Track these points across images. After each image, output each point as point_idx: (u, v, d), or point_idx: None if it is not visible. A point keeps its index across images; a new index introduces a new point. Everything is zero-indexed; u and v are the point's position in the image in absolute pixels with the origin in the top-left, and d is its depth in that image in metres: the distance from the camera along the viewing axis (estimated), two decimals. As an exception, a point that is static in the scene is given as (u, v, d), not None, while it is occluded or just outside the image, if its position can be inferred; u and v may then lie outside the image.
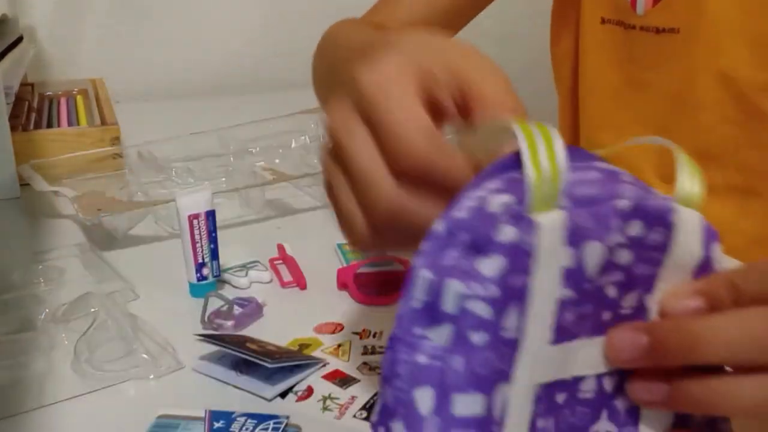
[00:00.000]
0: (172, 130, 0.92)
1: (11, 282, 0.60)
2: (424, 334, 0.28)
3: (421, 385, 0.27)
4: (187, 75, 1.42)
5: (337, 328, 0.54)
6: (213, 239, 0.58)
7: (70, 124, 1.02)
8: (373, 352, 0.50)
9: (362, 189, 0.34)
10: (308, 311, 0.56)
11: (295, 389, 0.46)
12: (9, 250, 0.70)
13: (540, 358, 0.28)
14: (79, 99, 1.17)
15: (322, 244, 0.68)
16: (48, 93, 1.20)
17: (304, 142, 0.94)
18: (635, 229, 0.29)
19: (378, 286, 0.58)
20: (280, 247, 0.66)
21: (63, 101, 1.15)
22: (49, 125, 1.00)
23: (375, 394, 0.45)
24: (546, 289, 0.28)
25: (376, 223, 0.34)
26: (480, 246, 0.27)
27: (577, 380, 0.30)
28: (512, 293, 0.27)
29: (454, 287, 0.27)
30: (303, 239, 0.69)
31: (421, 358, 0.27)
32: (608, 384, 0.31)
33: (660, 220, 0.29)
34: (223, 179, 0.84)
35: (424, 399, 0.27)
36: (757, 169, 0.64)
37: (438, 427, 0.27)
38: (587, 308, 0.29)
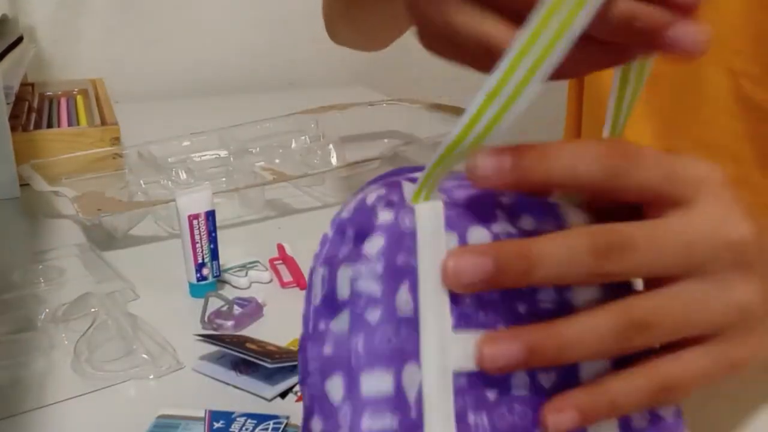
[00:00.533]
0: (172, 130, 0.92)
1: (11, 282, 0.60)
2: (328, 327, 0.29)
3: (331, 375, 0.28)
4: (187, 75, 1.42)
5: (337, 328, 0.54)
6: (213, 239, 0.58)
7: (70, 124, 1.02)
8: (373, 352, 0.50)
9: None
10: (308, 311, 0.56)
11: (295, 389, 0.46)
12: (9, 250, 0.70)
13: (448, 344, 0.29)
14: (79, 99, 1.17)
15: (322, 244, 0.68)
16: (48, 93, 1.20)
17: (304, 142, 0.94)
18: (527, 222, 0.30)
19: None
20: (280, 247, 0.66)
21: (63, 101, 1.15)
22: (49, 125, 1.00)
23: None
24: (435, 270, 0.28)
25: None
26: (364, 233, 0.29)
27: (506, 376, 0.30)
28: (399, 271, 0.28)
29: (344, 273, 0.29)
30: (303, 239, 0.69)
31: (327, 349, 0.29)
32: (546, 381, 0.30)
33: (548, 212, 0.30)
34: (223, 179, 0.84)
35: (335, 388, 0.28)
36: (749, 160, 0.65)
37: (351, 411, 0.27)
38: (490, 295, 0.29)
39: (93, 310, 0.54)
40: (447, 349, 0.29)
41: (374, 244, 0.28)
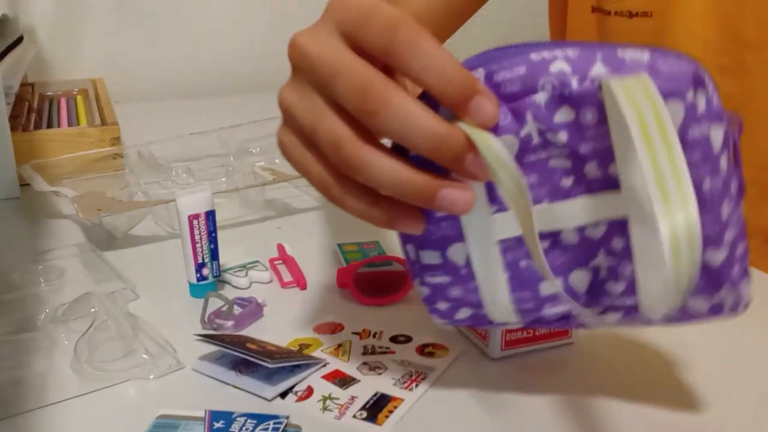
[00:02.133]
0: (172, 130, 0.92)
1: (11, 282, 0.61)
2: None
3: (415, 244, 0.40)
4: (187, 75, 1.43)
5: (337, 328, 0.54)
6: (213, 239, 0.58)
7: (70, 124, 1.02)
8: (373, 352, 0.50)
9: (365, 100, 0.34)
10: (308, 311, 0.57)
11: (295, 389, 0.46)
12: (9, 250, 0.70)
13: (489, 224, 0.37)
14: (79, 99, 1.17)
15: (322, 244, 0.68)
16: (48, 93, 1.20)
17: (304, 142, 0.94)
18: (564, 114, 0.34)
19: (378, 286, 0.58)
20: (280, 247, 0.66)
21: (63, 101, 1.15)
22: (49, 125, 1.00)
23: (375, 394, 0.45)
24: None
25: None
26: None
27: (556, 233, 0.38)
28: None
29: None
30: (303, 239, 0.69)
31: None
32: (594, 232, 0.37)
33: (587, 101, 0.34)
34: (223, 179, 0.84)
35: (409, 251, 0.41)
36: None
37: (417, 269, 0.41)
38: (531, 179, 0.36)
39: (93, 310, 0.54)
40: (488, 227, 0.37)
41: None
